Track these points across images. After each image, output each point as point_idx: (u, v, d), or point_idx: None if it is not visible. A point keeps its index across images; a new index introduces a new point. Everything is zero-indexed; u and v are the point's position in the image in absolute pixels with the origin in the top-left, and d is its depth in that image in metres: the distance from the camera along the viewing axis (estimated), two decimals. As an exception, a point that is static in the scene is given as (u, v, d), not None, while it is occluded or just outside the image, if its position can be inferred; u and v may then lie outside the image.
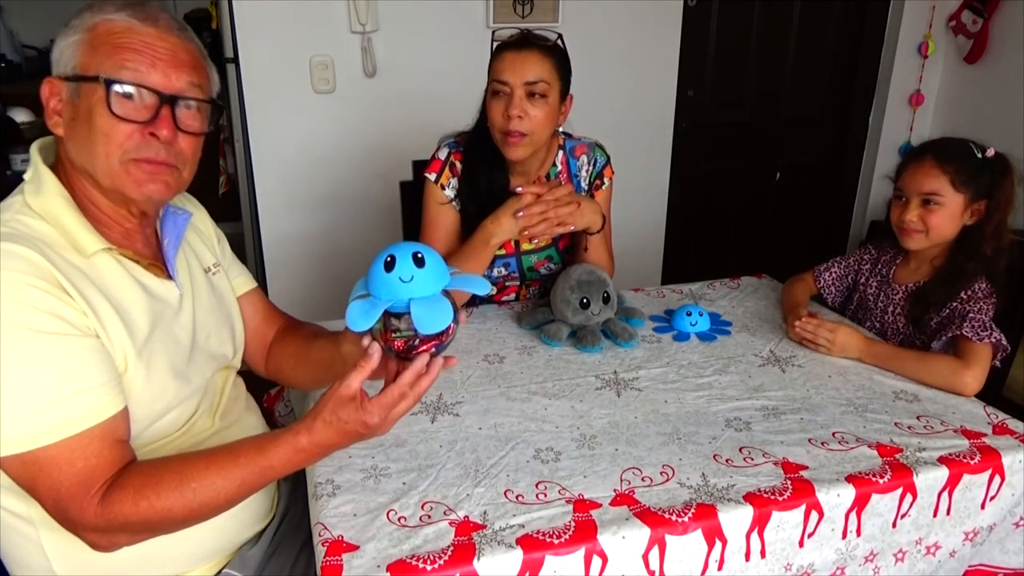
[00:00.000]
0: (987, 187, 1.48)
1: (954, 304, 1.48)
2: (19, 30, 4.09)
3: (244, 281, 1.27)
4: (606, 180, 1.73)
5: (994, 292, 1.48)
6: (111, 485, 0.90)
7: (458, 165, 1.66)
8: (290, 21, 2.54)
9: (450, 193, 1.66)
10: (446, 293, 0.93)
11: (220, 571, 1.12)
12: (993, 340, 1.41)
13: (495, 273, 1.74)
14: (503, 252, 1.71)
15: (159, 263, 1.07)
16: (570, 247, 1.76)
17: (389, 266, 0.89)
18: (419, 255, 0.90)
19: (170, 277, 1.07)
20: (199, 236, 1.19)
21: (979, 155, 1.49)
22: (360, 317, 0.89)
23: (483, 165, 1.64)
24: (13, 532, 0.99)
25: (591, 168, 1.72)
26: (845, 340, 1.48)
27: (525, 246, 1.72)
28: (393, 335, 0.91)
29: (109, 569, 0.99)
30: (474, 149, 1.65)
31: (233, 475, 0.92)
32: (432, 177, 1.66)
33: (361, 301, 0.91)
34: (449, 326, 0.90)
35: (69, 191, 0.98)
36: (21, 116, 3.05)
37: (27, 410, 0.85)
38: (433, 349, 0.93)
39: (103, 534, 0.90)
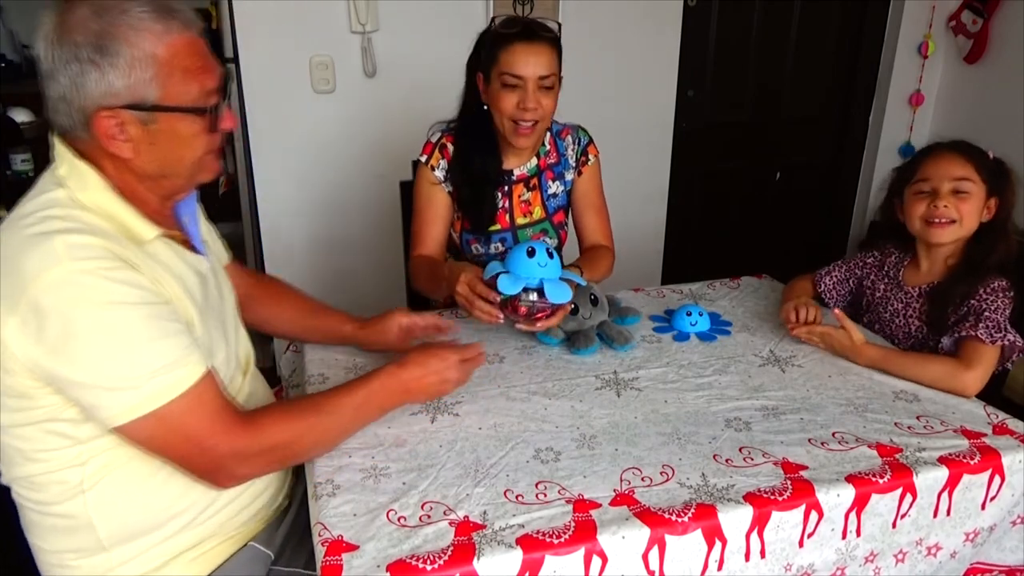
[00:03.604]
0: (999, 184, 1.49)
1: (971, 302, 1.46)
2: (19, 30, 4.09)
3: (224, 249, 1.37)
4: (591, 157, 1.79)
5: (1012, 288, 1.46)
6: (253, 415, 1.05)
7: (449, 147, 1.70)
8: (290, 21, 2.54)
9: (439, 175, 1.69)
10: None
11: (246, 544, 1.16)
12: (1007, 342, 1.40)
13: (493, 249, 1.76)
14: (499, 227, 1.75)
15: (188, 240, 1.14)
16: (565, 223, 1.81)
17: (531, 254, 1.35)
18: (550, 251, 1.37)
19: (197, 251, 1.14)
20: (200, 217, 1.25)
21: (990, 155, 1.51)
22: (510, 284, 1.33)
23: (476, 147, 1.68)
24: (54, 518, 1.04)
25: (576, 147, 1.78)
26: (836, 342, 1.48)
27: (520, 220, 1.76)
28: (520, 302, 1.35)
29: (147, 527, 1.06)
30: (466, 132, 1.69)
31: (353, 398, 1.13)
32: (423, 159, 1.71)
33: (506, 276, 1.34)
34: (568, 302, 1.38)
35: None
36: (21, 116, 3.04)
37: (150, 372, 0.94)
38: (544, 317, 1.38)
39: (246, 460, 1.03)
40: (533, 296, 1.34)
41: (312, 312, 1.48)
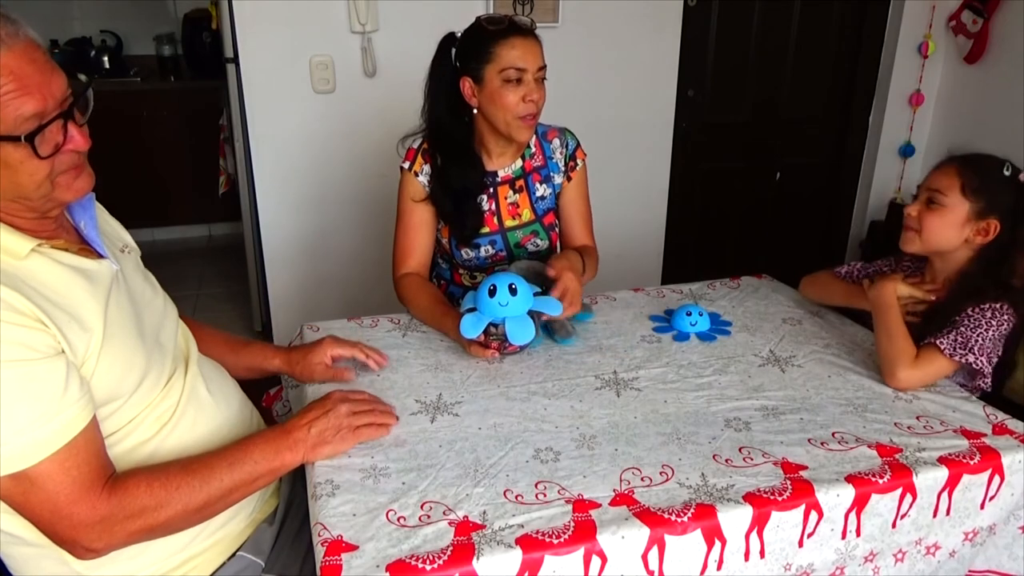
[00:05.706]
0: (1007, 206, 1.41)
1: (956, 317, 1.41)
2: None
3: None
4: (579, 161, 1.78)
5: (1011, 321, 1.38)
6: (119, 478, 0.98)
7: (430, 152, 1.69)
8: (290, 21, 2.54)
9: (423, 180, 1.68)
10: (530, 312, 1.41)
11: (234, 553, 1.14)
12: (966, 362, 1.35)
13: (483, 253, 1.75)
14: (488, 230, 1.73)
15: (85, 246, 1.07)
16: (555, 224, 1.80)
17: (492, 293, 1.37)
18: (513, 286, 1.38)
19: (101, 256, 1.07)
20: (104, 218, 1.19)
21: (1007, 172, 1.42)
22: (471, 327, 1.39)
23: (455, 159, 1.66)
24: (27, 547, 1.01)
25: (564, 150, 1.78)
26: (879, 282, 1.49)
27: (509, 222, 1.74)
28: (491, 337, 1.42)
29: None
30: (441, 145, 1.67)
31: (227, 454, 1.06)
32: (406, 165, 1.70)
33: (471, 315, 1.40)
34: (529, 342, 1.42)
35: None
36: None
37: (13, 431, 0.88)
38: (518, 348, 1.45)
39: (109, 527, 0.95)
40: (500, 331, 1.40)
41: (232, 348, 1.38)
